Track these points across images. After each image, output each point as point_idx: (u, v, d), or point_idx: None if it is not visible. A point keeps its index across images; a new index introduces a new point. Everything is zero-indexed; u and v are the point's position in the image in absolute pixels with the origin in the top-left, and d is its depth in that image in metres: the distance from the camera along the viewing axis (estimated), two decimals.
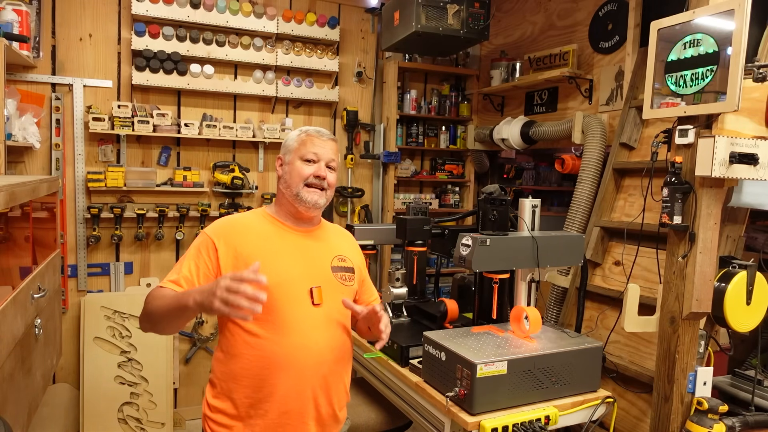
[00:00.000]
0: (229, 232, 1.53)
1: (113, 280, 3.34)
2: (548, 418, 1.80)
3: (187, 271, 1.47)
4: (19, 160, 3.04)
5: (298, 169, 1.57)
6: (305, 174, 1.56)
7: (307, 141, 1.59)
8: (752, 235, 2.58)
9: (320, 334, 1.52)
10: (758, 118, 1.83)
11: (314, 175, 1.56)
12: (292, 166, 1.59)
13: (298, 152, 1.59)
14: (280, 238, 1.58)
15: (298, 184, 1.56)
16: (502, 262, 2.03)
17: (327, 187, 1.59)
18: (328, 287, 1.56)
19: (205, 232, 1.55)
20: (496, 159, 4.28)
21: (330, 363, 1.54)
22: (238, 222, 1.59)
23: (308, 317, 1.50)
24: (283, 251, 1.55)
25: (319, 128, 1.65)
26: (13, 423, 1.64)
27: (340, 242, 1.72)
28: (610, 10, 2.95)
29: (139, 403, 3.24)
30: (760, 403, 2.02)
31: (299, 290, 1.51)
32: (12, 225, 2.03)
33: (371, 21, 3.90)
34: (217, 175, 3.45)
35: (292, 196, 1.57)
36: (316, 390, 1.51)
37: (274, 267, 1.48)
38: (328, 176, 1.59)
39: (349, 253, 1.70)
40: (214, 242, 1.50)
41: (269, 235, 1.57)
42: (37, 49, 3.01)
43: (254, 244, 1.53)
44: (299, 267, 1.54)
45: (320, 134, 1.61)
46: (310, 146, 1.58)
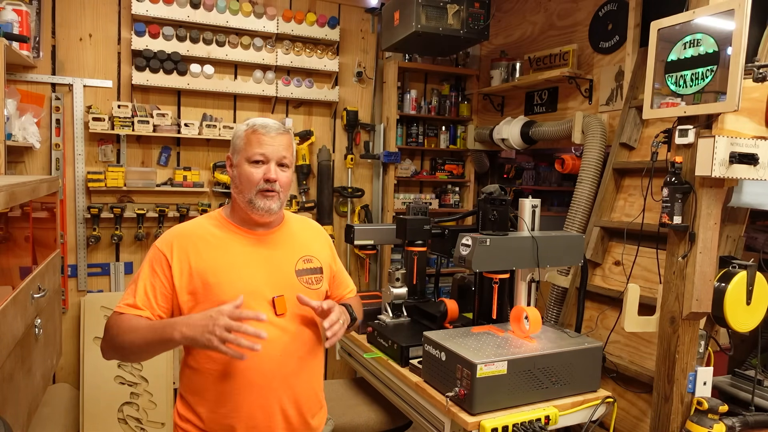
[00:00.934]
0: (181, 245, 1.43)
1: (113, 280, 3.34)
2: (548, 418, 1.80)
3: (143, 294, 1.40)
4: (19, 160, 3.04)
5: (247, 174, 1.44)
6: (255, 179, 1.43)
7: (252, 139, 1.45)
8: (752, 235, 2.58)
9: (285, 345, 1.44)
10: (758, 118, 1.83)
11: (264, 179, 1.44)
12: (240, 169, 1.46)
13: (244, 153, 1.45)
14: (238, 245, 1.48)
15: (251, 191, 1.44)
16: (502, 262, 2.03)
17: (279, 189, 1.46)
18: (293, 294, 1.46)
19: (157, 246, 1.45)
20: (496, 159, 4.29)
21: (297, 373, 1.47)
22: (191, 232, 1.48)
23: (271, 329, 1.40)
24: (242, 261, 1.46)
25: (268, 121, 1.49)
26: (13, 423, 1.64)
27: (305, 240, 1.61)
28: (610, 10, 2.95)
29: (139, 403, 3.24)
30: (760, 403, 2.02)
31: (260, 301, 1.43)
32: (12, 225, 2.02)
33: (371, 21, 3.90)
34: (217, 175, 3.45)
35: (244, 202, 1.47)
36: (284, 402, 1.45)
37: (231, 279, 1.42)
38: (280, 176, 1.46)
39: (316, 250, 1.60)
40: (166, 257, 1.42)
41: (225, 244, 1.47)
42: (37, 49, 3.01)
43: (209, 255, 1.43)
44: (260, 276, 1.46)
45: (267, 130, 1.46)
46: (257, 146, 1.44)
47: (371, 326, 2.40)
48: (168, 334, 1.28)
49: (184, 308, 1.42)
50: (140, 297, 1.40)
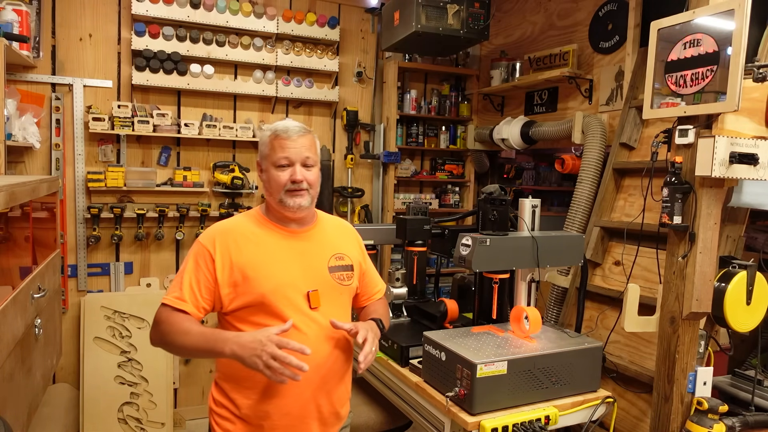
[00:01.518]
0: (224, 241, 1.51)
1: (113, 280, 3.34)
2: (548, 418, 1.80)
3: (188, 287, 1.48)
4: (19, 160, 3.04)
5: (275, 178, 1.53)
6: (282, 182, 1.52)
7: (276, 145, 1.53)
8: (752, 235, 2.58)
9: (318, 339, 1.51)
10: (758, 118, 1.83)
11: (291, 181, 1.52)
12: (268, 174, 1.55)
13: (270, 159, 1.54)
14: (275, 242, 1.56)
15: (279, 192, 1.53)
16: (502, 262, 2.03)
17: (308, 187, 1.54)
18: (326, 289, 1.55)
19: (201, 241, 1.53)
20: (496, 159, 4.29)
21: (329, 365, 1.54)
22: (233, 229, 1.56)
23: (306, 322, 1.50)
24: (279, 256, 1.53)
25: (288, 124, 1.56)
26: (13, 423, 1.64)
27: (337, 239, 1.68)
28: (610, 10, 2.95)
29: (139, 403, 3.24)
30: (760, 403, 2.02)
31: (296, 295, 1.51)
32: (12, 225, 2.02)
33: (371, 21, 3.90)
34: (217, 175, 3.45)
35: (276, 203, 1.55)
36: (317, 392, 1.52)
37: (269, 273, 1.49)
38: (306, 176, 1.54)
39: (348, 249, 1.68)
40: (210, 252, 1.50)
41: (263, 241, 1.55)
42: (37, 49, 3.01)
43: (249, 251, 1.51)
44: (295, 271, 1.53)
45: (288, 134, 1.53)
46: (280, 151, 1.52)
47: None
48: (219, 347, 1.36)
49: (225, 300, 1.49)
50: (186, 290, 1.47)
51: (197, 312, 1.48)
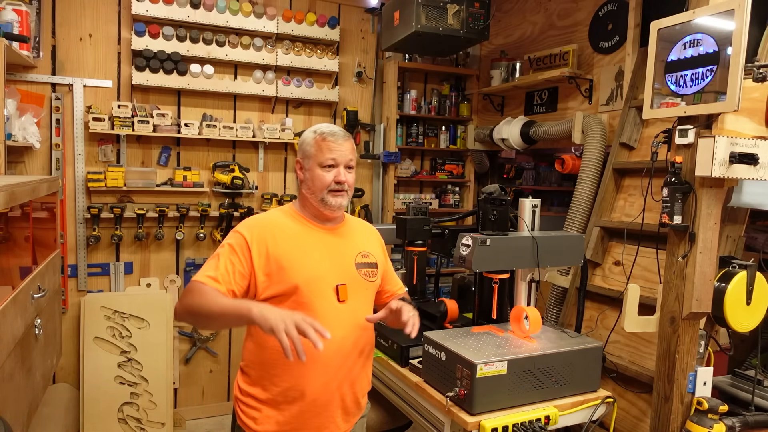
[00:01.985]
0: (261, 232, 1.58)
1: (113, 280, 3.34)
2: (548, 418, 1.80)
3: (224, 269, 1.51)
4: (19, 160, 3.04)
5: (320, 177, 1.60)
6: (327, 182, 1.59)
7: (323, 146, 1.61)
8: (752, 235, 2.58)
9: (345, 330, 1.57)
10: (758, 118, 1.83)
11: (335, 182, 1.60)
12: (312, 173, 1.62)
13: (316, 159, 1.61)
14: (308, 236, 1.63)
15: (322, 191, 1.60)
16: (502, 262, 2.03)
17: (348, 189, 1.64)
18: (353, 284, 1.62)
19: (239, 231, 1.58)
20: (496, 159, 4.29)
21: (354, 356, 1.61)
22: (269, 222, 1.64)
23: (334, 313, 1.56)
24: (311, 249, 1.61)
25: (333, 128, 1.65)
26: (13, 423, 1.64)
27: (363, 238, 1.76)
28: (610, 10, 2.95)
29: (139, 403, 3.24)
30: (760, 403, 2.02)
31: (326, 287, 1.57)
32: (12, 225, 2.03)
33: (371, 21, 3.90)
34: (217, 175, 3.45)
35: (316, 201, 1.62)
36: (342, 381, 1.58)
37: (303, 265, 1.56)
38: (348, 177, 1.63)
39: (372, 248, 1.75)
40: (247, 242, 1.55)
41: (298, 234, 1.62)
42: (37, 49, 3.01)
43: (285, 243, 1.58)
44: (326, 265, 1.60)
45: (335, 137, 1.62)
46: (327, 152, 1.60)
47: None
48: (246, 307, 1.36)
49: (260, 287, 1.54)
50: (221, 271, 1.50)
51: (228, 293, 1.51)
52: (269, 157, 3.69)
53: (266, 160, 3.68)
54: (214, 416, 3.62)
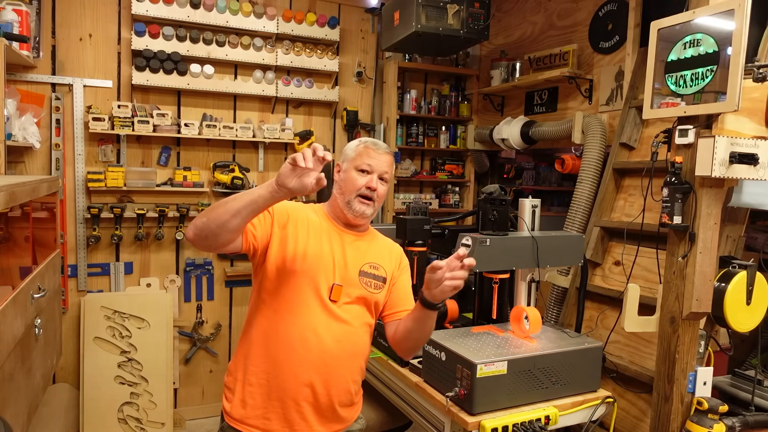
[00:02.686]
0: (294, 210, 1.64)
1: (113, 280, 3.34)
2: (548, 418, 1.80)
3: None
4: (19, 160, 3.04)
5: (353, 179, 1.64)
6: (358, 184, 1.63)
7: (363, 152, 1.66)
8: (752, 235, 2.58)
9: (329, 327, 1.58)
10: (758, 118, 1.83)
11: (366, 186, 1.63)
12: (347, 174, 1.66)
13: (354, 162, 1.66)
14: (327, 234, 1.66)
15: (351, 193, 1.64)
16: (502, 262, 2.03)
17: (376, 199, 1.66)
18: (350, 288, 1.62)
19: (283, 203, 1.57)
20: (496, 159, 4.28)
21: (334, 356, 1.58)
22: (303, 209, 1.69)
23: (322, 309, 1.58)
24: (324, 245, 1.63)
25: (378, 141, 1.71)
26: (13, 423, 1.64)
27: (381, 252, 1.75)
28: (610, 10, 2.95)
29: (139, 403, 3.24)
30: (760, 403, 2.02)
31: (322, 283, 1.59)
32: (12, 225, 2.03)
33: (371, 21, 3.90)
34: (217, 175, 3.45)
35: (343, 202, 1.65)
36: (314, 377, 1.56)
37: (312, 252, 1.59)
38: (379, 188, 1.65)
39: (387, 263, 1.73)
40: (281, 210, 1.60)
41: (319, 228, 1.66)
42: (37, 49, 3.01)
43: (305, 230, 1.62)
44: (329, 261, 1.62)
45: (377, 147, 1.68)
46: (366, 158, 1.65)
47: None
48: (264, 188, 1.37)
49: (270, 251, 1.58)
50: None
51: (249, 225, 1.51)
52: (269, 157, 3.69)
53: (266, 160, 3.68)
54: (214, 416, 3.62)
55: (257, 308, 1.62)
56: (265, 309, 1.60)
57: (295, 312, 1.56)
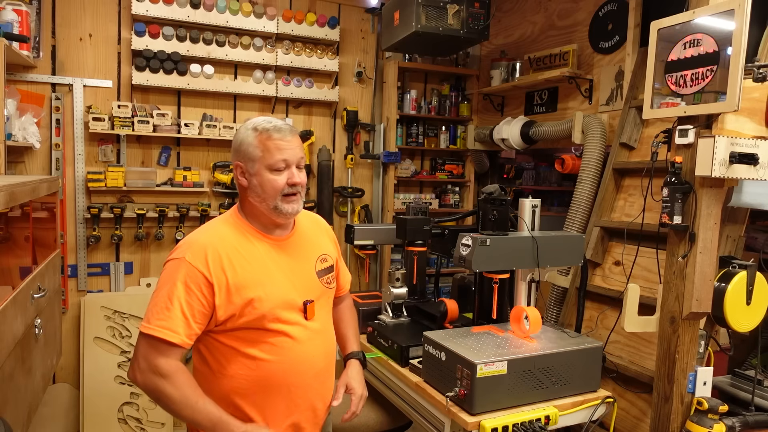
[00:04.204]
0: (216, 260, 1.39)
1: (113, 280, 3.34)
2: (548, 418, 1.80)
3: (180, 316, 1.34)
4: (19, 160, 3.04)
5: (271, 182, 1.42)
6: (279, 186, 1.43)
7: (271, 146, 1.42)
8: (752, 235, 2.59)
9: (316, 346, 1.52)
10: (758, 118, 1.83)
11: (288, 184, 1.44)
12: (261, 178, 1.43)
13: (264, 161, 1.42)
14: (265, 255, 1.47)
15: (275, 197, 1.43)
16: (502, 262, 2.03)
17: (300, 190, 1.49)
18: (318, 296, 1.55)
19: (190, 261, 1.36)
20: (496, 159, 4.28)
21: (325, 369, 1.58)
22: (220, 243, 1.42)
23: (305, 335, 1.49)
24: (272, 271, 1.46)
25: (276, 122, 1.46)
26: (13, 423, 1.64)
27: (317, 237, 1.65)
28: (610, 10, 2.95)
29: (139, 403, 3.24)
30: (760, 403, 2.02)
31: (292, 308, 1.47)
32: (12, 225, 2.03)
33: (371, 21, 3.90)
34: (217, 175, 3.45)
35: (269, 209, 1.45)
36: (314, 398, 1.54)
37: (267, 292, 1.42)
38: (302, 178, 1.48)
39: (327, 247, 1.67)
40: (204, 275, 1.36)
41: (254, 256, 1.45)
42: (37, 49, 3.01)
43: (243, 270, 1.41)
44: (290, 285, 1.48)
45: (281, 132, 1.44)
46: (277, 153, 1.42)
47: (371, 326, 2.40)
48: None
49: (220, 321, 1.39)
50: (178, 319, 1.34)
51: (189, 342, 1.36)
52: None
53: None
54: None
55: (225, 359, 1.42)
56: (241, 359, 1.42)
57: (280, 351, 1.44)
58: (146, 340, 1.34)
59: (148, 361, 1.33)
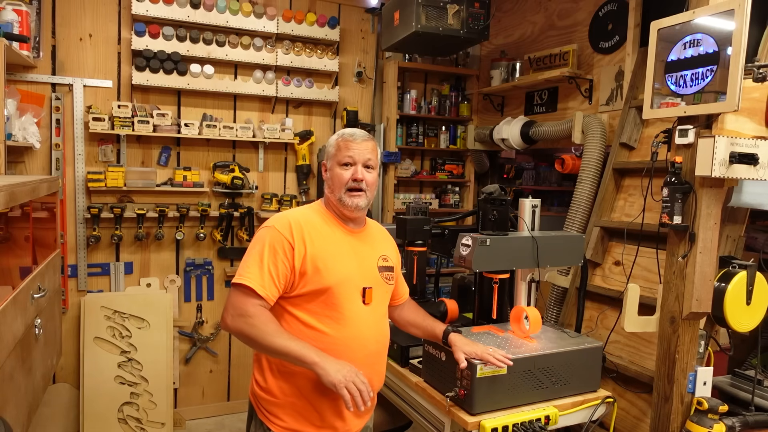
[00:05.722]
0: (300, 231, 1.60)
1: (113, 280, 3.34)
2: (548, 418, 1.80)
3: (267, 274, 1.53)
4: (19, 160, 3.04)
5: (338, 175, 1.64)
6: (344, 179, 1.63)
7: (342, 145, 1.65)
8: (752, 235, 2.58)
9: (369, 329, 1.64)
10: (758, 118, 1.83)
11: (352, 179, 1.63)
12: (332, 172, 1.67)
13: (335, 158, 1.66)
14: (338, 238, 1.67)
15: (340, 190, 1.64)
16: (502, 262, 2.03)
17: (366, 188, 1.65)
18: (377, 286, 1.68)
19: (277, 228, 1.59)
20: (496, 159, 4.28)
21: (375, 353, 1.68)
22: (305, 221, 1.65)
23: (360, 314, 1.62)
24: (342, 252, 1.64)
25: (354, 130, 1.71)
26: (13, 423, 1.64)
27: (382, 242, 1.82)
28: (610, 10, 2.95)
29: (139, 403, 3.24)
30: (760, 403, 2.02)
31: (354, 290, 1.63)
32: (12, 225, 2.03)
33: (371, 21, 3.90)
34: (217, 175, 3.45)
35: (335, 200, 1.66)
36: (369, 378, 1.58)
37: (335, 267, 1.60)
38: (366, 176, 1.65)
39: (390, 252, 1.81)
40: (289, 241, 1.57)
41: (330, 236, 1.65)
42: (37, 49, 3.01)
43: (320, 245, 1.61)
44: (354, 268, 1.64)
45: (354, 137, 1.67)
46: (345, 150, 1.64)
47: None
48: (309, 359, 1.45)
49: (295, 286, 1.58)
50: (266, 277, 1.53)
51: (273, 299, 1.54)
52: (269, 157, 3.69)
53: (266, 160, 3.68)
54: (214, 416, 3.62)
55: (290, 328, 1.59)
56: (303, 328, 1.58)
57: (338, 325, 1.58)
58: (238, 290, 1.53)
59: (238, 307, 1.51)
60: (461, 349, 1.74)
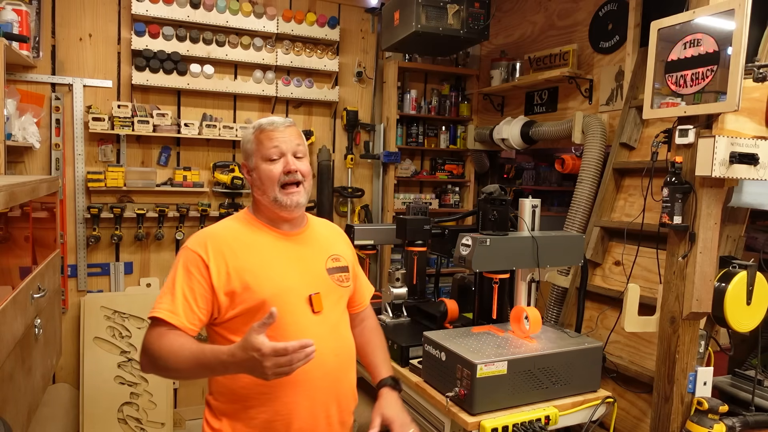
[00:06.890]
0: (215, 245, 1.41)
1: (113, 280, 3.34)
2: (548, 418, 1.80)
3: (181, 298, 1.35)
4: (18, 160, 3.04)
5: (266, 172, 1.44)
6: (275, 175, 1.44)
7: (263, 138, 1.46)
8: (752, 235, 2.58)
9: (325, 343, 1.41)
10: (758, 118, 1.83)
11: (284, 172, 1.44)
12: (258, 170, 1.46)
13: (258, 153, 1.46)
14: (269, 246, 1.47)
15: (273, 189, 1.44)
16: (502, 262, 2.03)
17: (302, 179, 1.47)
18: (327, 292, 1.49)
19: (190, 248, 1.41)
20: (496, 159, 4.28)
21: (337, 370, 1.48)
22: (223, 233, 1.46)
23: (309, 326, 1.41)
24: (276, 260, 1.45)
25: (273, 118, 1.51)
26: (13, 423, 1.64)
27: (331, 240, 1.63)
28: (610, 10, 2.95)
29: (139, 403, 3.24)
30: (760, 403, 2.02)
31: (298, 299, 1.43)
32: (12, 225, 2.03)
33: (371, 21, 3.90)
34: (217, 175, 3.45)
35: (269, 202, 1.46)
36: (327, 401, 1.45)
37: (268, 277, 1.41)
38: (300, 166, 1.46)
39: (342, 250, 1.62)
40: (202, 258, 1.38)
41: (258, 244, 1.46)
42: (37, 49, 3.01)
43: (244, 255, 1.41)
44: (295, 274, 1.45)
45: (274, 125, 1.48)
46: (268, 142, 1.45)
47: None
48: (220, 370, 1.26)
49: (222, 309, 1.39)
50: (179, 302, 1.35)
51: (191, 326, 1.35)
52: None
53: None
54: None
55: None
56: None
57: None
58: (150, 325, 1.37)
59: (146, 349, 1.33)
60: (382, 410, 1.52)
